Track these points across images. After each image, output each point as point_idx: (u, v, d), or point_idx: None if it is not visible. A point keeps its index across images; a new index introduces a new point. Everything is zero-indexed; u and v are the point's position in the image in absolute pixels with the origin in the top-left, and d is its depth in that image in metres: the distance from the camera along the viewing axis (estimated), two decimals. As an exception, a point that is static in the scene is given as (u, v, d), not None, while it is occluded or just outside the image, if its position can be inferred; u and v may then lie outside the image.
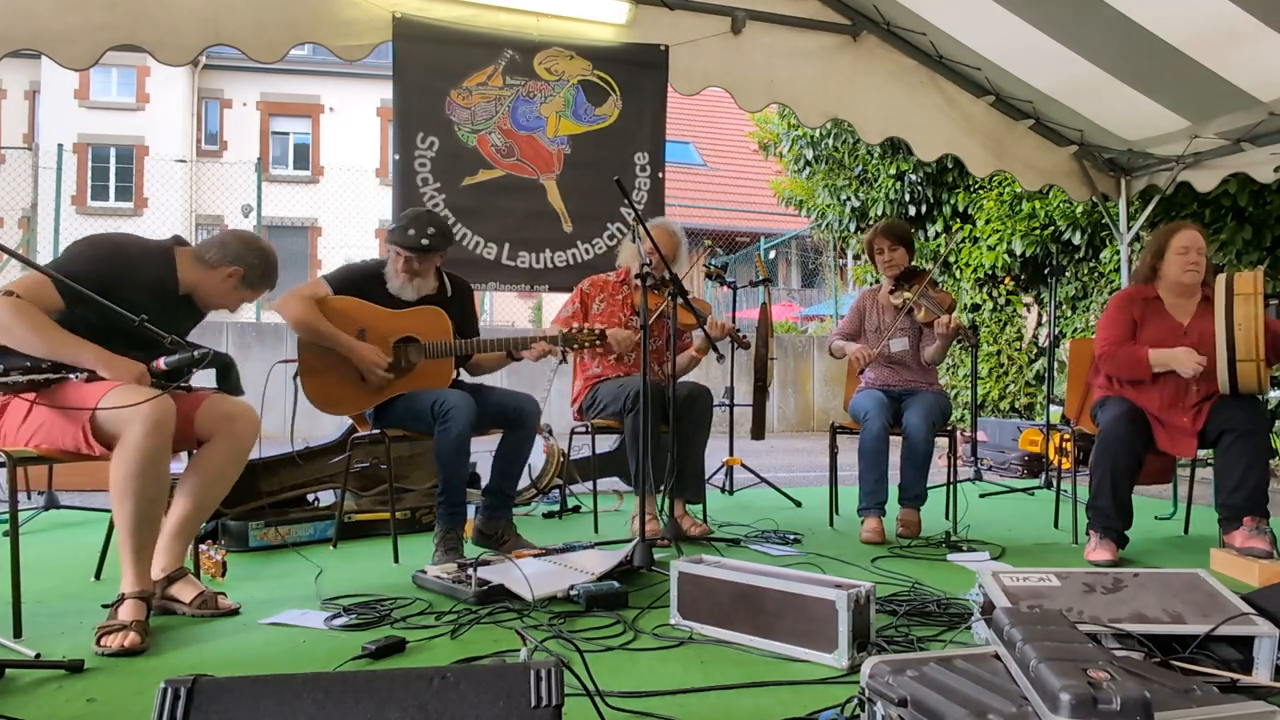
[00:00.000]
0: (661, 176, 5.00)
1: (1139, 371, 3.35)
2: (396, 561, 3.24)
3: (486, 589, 2.58)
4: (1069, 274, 7.68)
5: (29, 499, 4.12)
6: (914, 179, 8.87)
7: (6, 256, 2.27)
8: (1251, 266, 5.88)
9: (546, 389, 5.17)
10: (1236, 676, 1.88)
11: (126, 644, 2.15)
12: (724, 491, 5.13)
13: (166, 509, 2.51)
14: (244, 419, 2.56)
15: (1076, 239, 7.29)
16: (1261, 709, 1.46)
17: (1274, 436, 5.00)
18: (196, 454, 2.55)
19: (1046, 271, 6.33)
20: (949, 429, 4.03)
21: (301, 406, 3.20)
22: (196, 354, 2.32)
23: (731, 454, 5.17)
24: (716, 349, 3.53)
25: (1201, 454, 3.49)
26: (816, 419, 11.37)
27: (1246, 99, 4.52)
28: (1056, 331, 6.04)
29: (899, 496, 3.84)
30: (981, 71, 5.21)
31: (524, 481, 4.46)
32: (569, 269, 4.79)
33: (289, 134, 20.79)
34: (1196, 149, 5.16)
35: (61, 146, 9.91)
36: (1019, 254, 7.89)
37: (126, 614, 2.24)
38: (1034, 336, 8.31)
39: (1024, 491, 5.25)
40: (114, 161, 19.29)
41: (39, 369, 2.27)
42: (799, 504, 4.66)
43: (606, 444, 4.72)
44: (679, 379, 3.73)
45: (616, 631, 2.35)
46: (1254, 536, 3.10)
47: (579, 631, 2.32)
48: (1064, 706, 1.26)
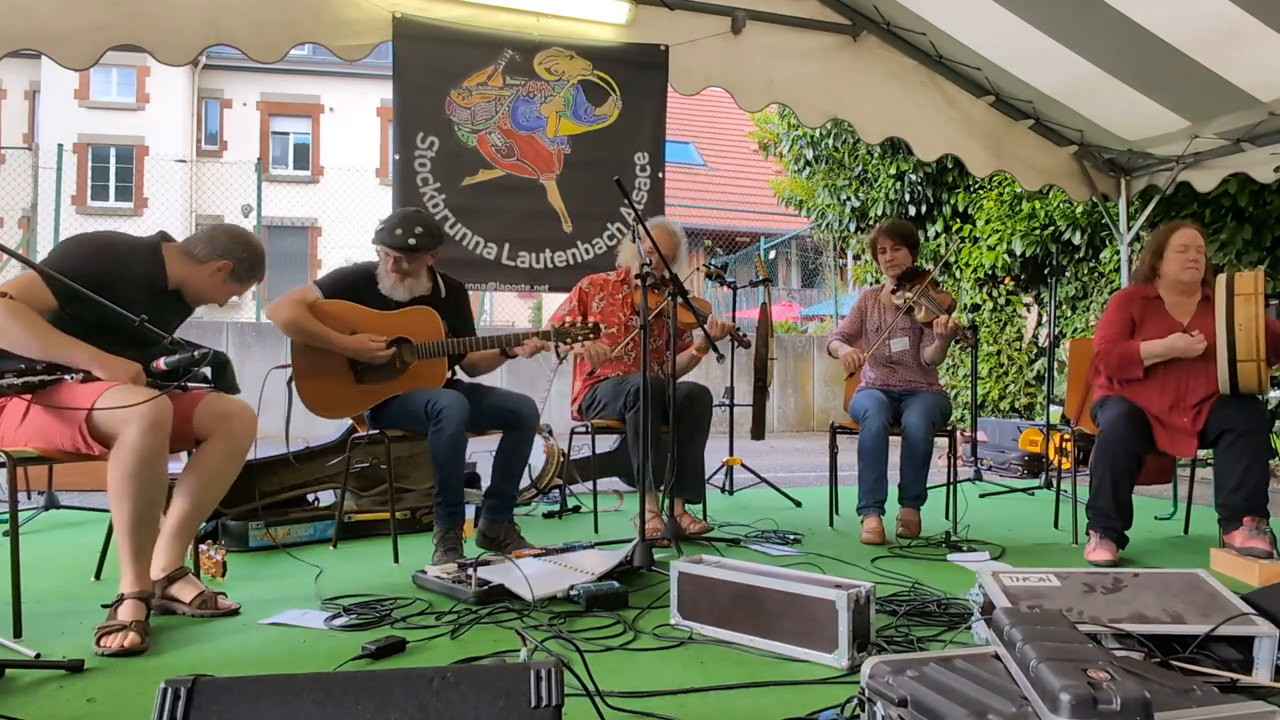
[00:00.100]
0: (661, 176, 5.00)
1: (1130, 367, 3.35)
2: (396, 561, 3.24)
3: (486, 589, 2.58)
4: (1069, 274, 7.68)
5: (29, 499, 4.12)
6: (914, 179, 8.86)
7: (6, 257, 2.26)
8: (1251, 266, 5.88)
9: (546, 389, 5.17)
10: (1236, 676, 1.88)
11: (126, 644, 2.15)
12: (724, 491, 5.13)
13: (165, 509, 2.51)
14: (241, 418, 2.56)
15: (1076, 239, 7.28)
16: (1261, 709, 1.46)
17: (1274, 436, 5.00)
18: (195, 453, 2.55)
19: (1046, 271, 6.34)
20: (949, 429, 4.04)
21: (298, 408, 3.20)
22: (197, 354, 2.32)
23: (731, 454, 5.17)
24: (716, 349, 3.53)
25: (1201, 454, 3.49)
26: (816, 419, 11.38)
27: (1246, 99, 4.53)
28: (1056, 331, 6.05)
29: (899, 496, 3.84)
30: (981, 71, 5.21)
31: (524, 481, 4.46)
32: (569, 269, 4.79)
33: (289, 134, 20.80)
34: (1196, 149, 5.16)
35: (61, 146, 9.91)
36: (1019, 254, 7.89)
37: (126, 614, 2.24)
38: (1034, 336, 8.31)
39: (1024, 491, 5.25)
40: (114, 161, 19.30)
41: (33, 370, 2.26)
42: (799, 504, 4.66)
43: (606, 444, 4.72)
44: (680, 378, 3.73)
45: (616, 631, 2.35)
46: (1254, 536, 3.10)
47: (579, 631, 2.32)
48: (1064, 706, 1.26)
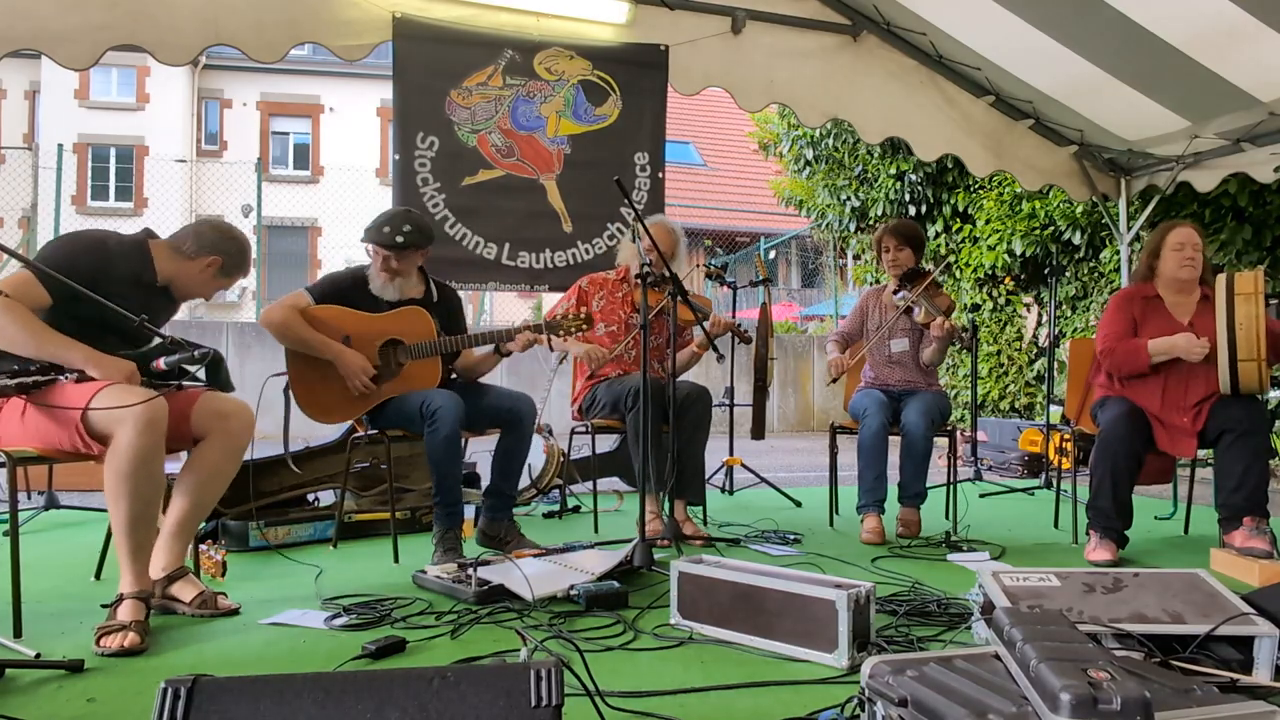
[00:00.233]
0: (661, 176, 5.00)
1: (1139, 363, 3.34)
2: (396, 561, 3.24)
3: (486, 589, 2.58)
4: (1069, 274, 7.68)
5: (29, 499, 4.12)
6: (914, 179, 8.86)
7: (6, 257, 2.26)
8: (1251, 266, 5.88)
9: (546, 389, 5.17)
10: (1236, 676, 1.88)
11: (126, 644, 2.15)
12: (724, 491, 5.13)
13: (164, 508, 2.51)
14: (239, 416, 2.56)
15: (1076, 239, 7.28)
16: (1261, 709, 1.46)
17: (1274, 436, 5.00)
18: (193, 452, 2.54)
19: (1046, 271, 6.34)
20: (949, 429, 4.04)
21: (296, 413, 3.22)
22: (197, 354, 2.32)
23: (731, 454, 5.17)
24: (716, 348, 3.53)
25: (1201, 454, 3.49)
26: (816, 419, 11.38)
27: (1246, 99, 4.53)
28: (1056, 331, 6.04)
29: (899, 495, 3.84)
30: (981, 71, 5.21)
31: (524, 481, 4.46)
32: (569, 269, 4.79)
33: (289, 134, 20.80)
34: (1196, 149, 5.16)
35: (61, 146, 9.90)
36: (1019, 254, 7.89)
37: (125, 614, 2.24)
38: (1034, 336, 8.31)
39: (1024, 491, 5.25)
40: (114, 161, 19.30)
41: (27, 371, 2.25)
42: (799, 504, 4.66)
43: (606, 444, 4.72)
44: (682, 374, 3.73)
45: (616, 631, 2.35)
46: (1254, 536, 3.10)
47: (579, 631, 2.32)
48: (1064, 706, 1.26)
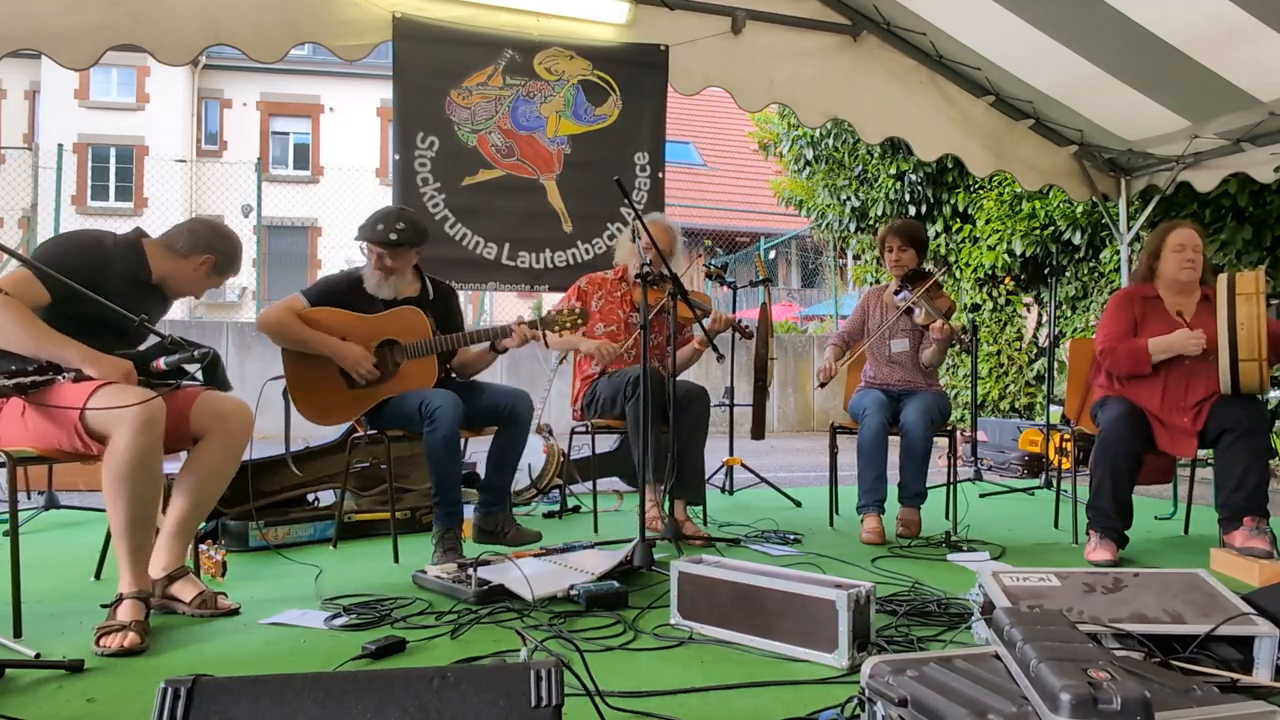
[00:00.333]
0: (661, 176, 5.00)
1: (1140, 363, 3.34)
2: (396, 561, 3.24)
3: (486, 589, 2.58)
4: (1069, 274, 7.68)
5: (29, 499, 4.12)
6: (914, 179, 8.86)
7: (6, 257, 2.26)
8: (1252, 266, 5.88)
9: (546, 389, 5.16)
10: (1237, 676, 1.88)
11: (126, 644, 2.15)
12: (724, 491, 5.13)
13: (164, 508, 2.51)
14: (237, 415, 2.56)
15: (1076, 239, 7.28)
16: (1261, 709, 1.46)
17: (1274, 436, 5.00)
18: (192, 452, 2.54)
19: (1046, 271, 6.34)
20: (949, 429, 4.04)
21: (295, 415, 3.22)
22: (197, 354, 2.32)
23: (731, 454, 5.17)
24: (716, 348, 3.53)
25: (1201, 454, 3.49)
26: (816, 419, 11.37)
27: (1246, 99, 4.52)
28: (1056, 331, 6.04)
29: (899, 495, 3.84)
30: (981, 71, 5.21)
31: (524, 481, 4.47)
32: (569, 269, 4.78)
33: (289, 134, 20.78)
34: (1196, 149, 5.16)
35: (61, 146, 9.89)
36: (1019, 254, 7.89)
37: (125, 614, 2.24)
38: (1034, 336, 8.31)
39: (1024, 491, 5.25)
40: (114, 161, 19.29)
41: (25, 371, 2.25)
42: (799, 504, 4.66)
43: (606, 444, 4.72)
44: (683, 372, 3.74)
45: (616, 631, 2.35)
46: (1254, 536, 3.10)
47: (579, 631, 2.32)
48: (1064, 706, 1.26)
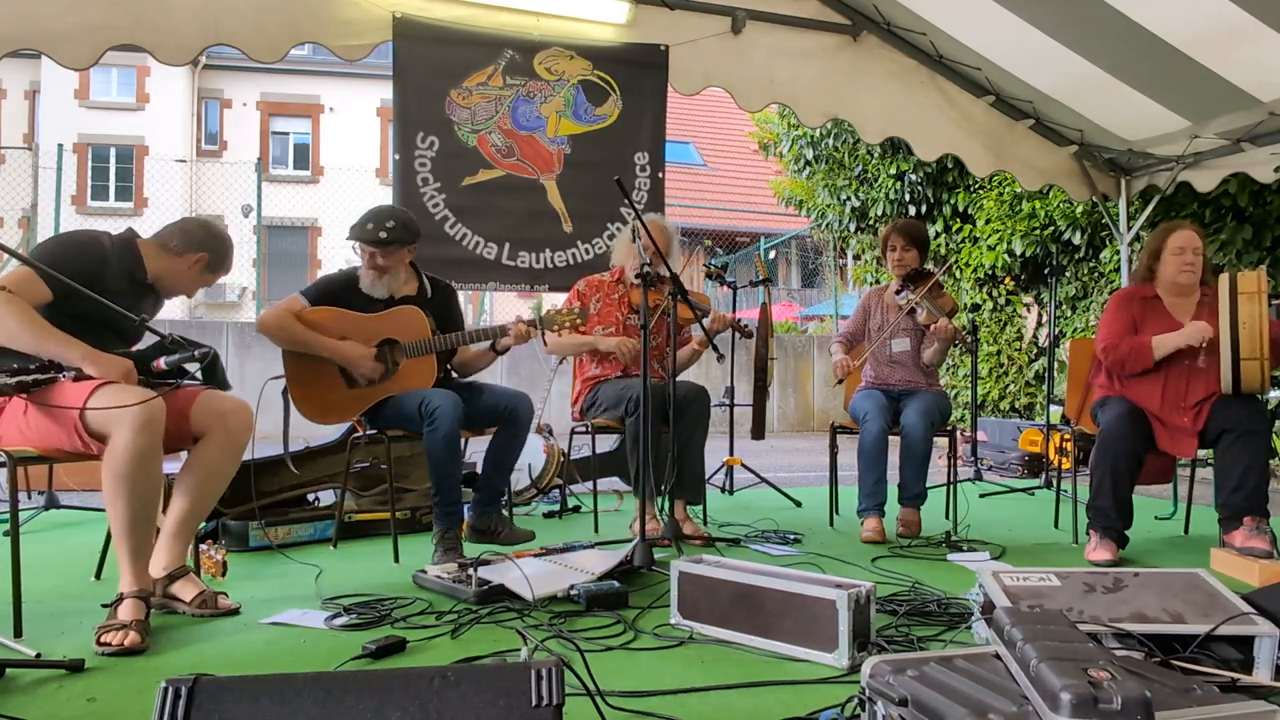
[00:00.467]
0: (661, 176, 5.00)
1: (1143, 359, 3.33)
2: (397, 561, 3.24)
3: (487, 589, 2.58)
4: (1069, 274, 7.68)
5: (29, 499, 4.12)
6: (914, 179, 8.86)
7: (6, 257, 2.26)
8: (1252, 266, 5.88)
9: (546, 389, 5.17)
10: (1237, 676, 1.88)
11: (126, 643, 2.15)
12: (724, 491, 5.13)
13: (164, 508, 2.51)
14: (237, 414, 2.56)
15: (1076, 239, 7.28)
16: (1262, 709, 1.46)
17: (1274, 436, 4.99)
18: (192, 451, 2.55)
19: (1046, 271, 6.33)
20: (949, 429, 4.04)
21: (295, 415, 3.22)
22: (197, 353, 2.32)
23: (731, 454, 5.17)
24: (716, 348, 3.53)
25: (1202, 454, 3.49)
26: (816, 419, 11.37)
27: (1246, 99, 4.52)
28: (1056, 331, 6.04)
29: (899, 496, 3.84)
30: (981, 71, 5.21)
31: (524, 481, 4.47)
32: (569, 269, 4.79)
33: (289, 134, 20.78)
34: (1196, 149, 5.16)
35: (61, 146, 9.89)
36: (1019, 254, 7.89)
37: (126, 613, 2.24)
38: (1034, 336, 8.31)
39: (1024, 491, 5.25)
40: (114, 161, 19.29)
41: (26, 370, 2.25)
42: (799, 504, 4.66)
43: (606, 444, 4.72)
44: (683, 372, 3.74)
45: (617, 631, 2.35)
46: (1254, 536, 3.10)
47: (579, 631, 2.32)
48: (1064, 706, 1.26)
